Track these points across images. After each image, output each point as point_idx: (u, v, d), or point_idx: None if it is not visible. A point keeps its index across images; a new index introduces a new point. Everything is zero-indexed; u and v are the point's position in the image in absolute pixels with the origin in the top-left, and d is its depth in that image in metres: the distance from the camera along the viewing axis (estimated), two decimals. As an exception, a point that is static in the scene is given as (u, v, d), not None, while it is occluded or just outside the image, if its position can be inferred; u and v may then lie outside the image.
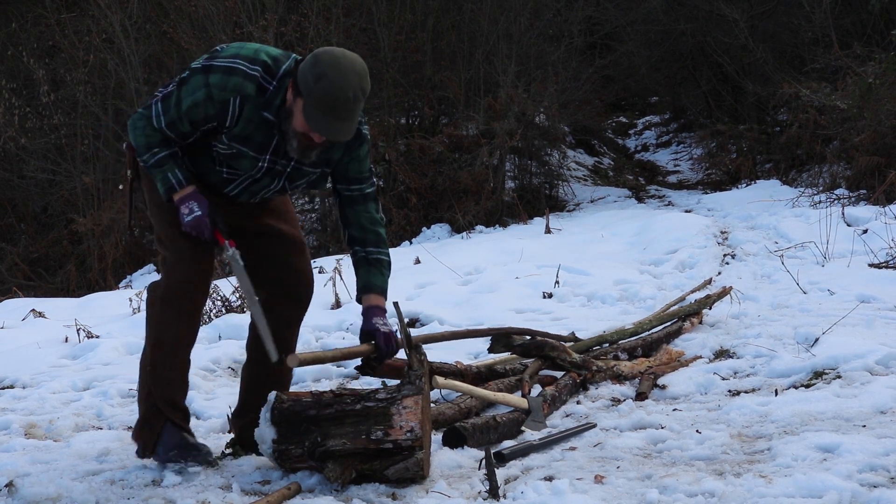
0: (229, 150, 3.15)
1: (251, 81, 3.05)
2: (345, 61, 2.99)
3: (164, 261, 3.29)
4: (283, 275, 3.39)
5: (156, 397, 3.23)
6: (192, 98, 3.07)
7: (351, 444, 3.01)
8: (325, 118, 2.99)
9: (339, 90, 2.95)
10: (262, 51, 3.13)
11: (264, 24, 12.12)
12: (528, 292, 6.74)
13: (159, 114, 3.12)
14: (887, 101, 10.49)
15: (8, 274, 11.89)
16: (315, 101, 2.97)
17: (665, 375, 4.40)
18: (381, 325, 3.25)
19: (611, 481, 2.97)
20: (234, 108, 3.06)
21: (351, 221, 3.34)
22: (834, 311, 5.17)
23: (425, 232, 11.69)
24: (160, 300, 3.24)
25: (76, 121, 12.54)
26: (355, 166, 3.30)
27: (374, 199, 3.37)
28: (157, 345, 3.25)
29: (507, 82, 12.48)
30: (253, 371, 3.49)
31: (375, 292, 3.30)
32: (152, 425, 3.23)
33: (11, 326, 6.60)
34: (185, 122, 3.11)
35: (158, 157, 3.15)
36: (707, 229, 9.00)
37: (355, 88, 2.98)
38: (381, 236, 3.35)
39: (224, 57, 3.10)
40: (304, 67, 3.00)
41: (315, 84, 2.96)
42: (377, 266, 3.33)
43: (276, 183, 3.27)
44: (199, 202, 3.15)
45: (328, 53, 3.02)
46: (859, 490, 2.70)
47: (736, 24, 14.29)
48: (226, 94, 3.05)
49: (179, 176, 3.15)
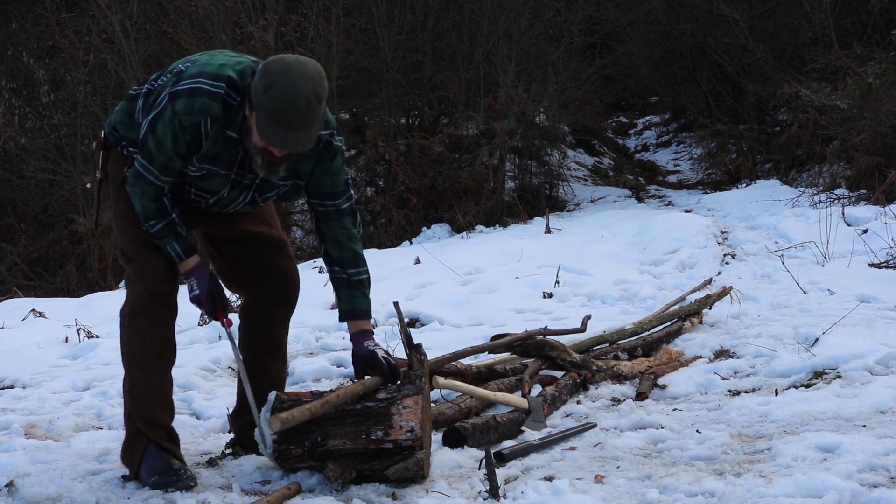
0: (199, 171, 3.06)
1: (216, 100, 2.94)
2: (296, 67, 2.86)
3: (128, 277, 3.23)
4: (268, 275, 3.36)
5: (136, 418, 3.16)
6: (169, 132, 2.96)
7: (351, 444, 3.01)
8: (277, 129, 2.85)
9: (289, 97, 2.81)
10: (228, 65, 3.01)
11: (264, 24, 12.12)
12: (529, 292, 6.74)
13: (146, 167, 3.03)
14: (887, 101, 10.49)
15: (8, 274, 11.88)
16: (266, 113, 2.84)
17: (665, 375, 4.40)
18: (376, 348, 3.18)
19: (611, 481, 2.97)
20: (205, 129, 2.96)
21: (327, 237, 3.24)
22: (834, 311, 5.17)
23: (425, 232, 11.70)
24: (128, 317, 3.18)
25: (76, 121, 12.53)
26: (328, 180, 3.18)
27: (350, 213, 3.26)
28: (131, 363, 3.18)
29: (507, 82, 12.48)
30: (249, 372, 3.47)
31: (362, 318, 3.25)
32: (135, 448, 3.16)
33: (11, 326, 6.60)
34: (175, 159, 3.01)
35: (156, 230, 3.09)
36: (707, 229, 9.00)
37: (308, 94, 2.83)
38: (357, 254, 3.25)
39: (188, 77, 2.99)
40: (255, 79, 2.89)
41: (264, 94, 2.83)
42: (360, 288, 3.25)
43: (245, 196, 3.19)
44: (200, 279, 3.11)
45: (278, 61, 2.88)
46: (859, 490, 2.70)
47: (736, 24, 14.29)
48: (194, 118, 2.94)
49: (178, 249, 3.10)
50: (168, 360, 3.22)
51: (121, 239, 3.24)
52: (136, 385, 3.17)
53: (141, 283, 3.15)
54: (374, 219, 12.35)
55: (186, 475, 3.10)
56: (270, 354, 3.45)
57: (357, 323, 3.24)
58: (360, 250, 3.27)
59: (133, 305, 3.17)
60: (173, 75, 3.08)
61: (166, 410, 3.22)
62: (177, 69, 3.11)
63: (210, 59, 3.07)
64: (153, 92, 3.15)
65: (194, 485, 3.08)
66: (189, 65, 3.08)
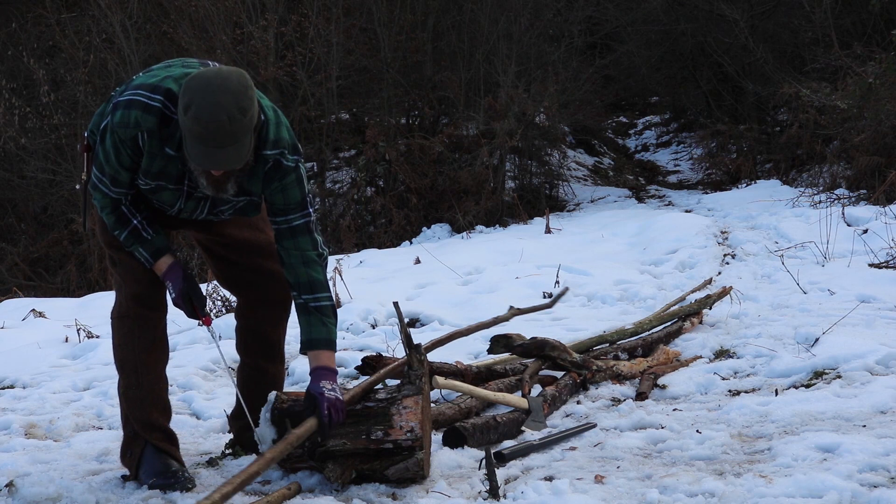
0: (148, 185, 2.99)
1: (151, 114, 2.83)
2: (215, 81, 2.71)
3: (115, 281, 3.23)
4: (257, 278, 3.31)
5: (132, 420, 3.16)
6: (111, 144, 2.89)
7: (351, 445, 3.01)
8: (201, 148, 2.72)
9: (208, 115, 2.67)
10: (174, 77, 2.89)
11: (264, 24, 12.12)
12: (529, 292, 6.74)
13: (100, 179, 2.98)
14: (887, 101, 10.49)
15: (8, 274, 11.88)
16: (189, 134, 2.71)
17: (665, 375, 4.40)
18: (326, 390, 2.92)
19: (611, 481, 2.97)
20: (143, 143, 2.87)
21: (283, 260, 3.06)
22: (834, 311, 5.17)
23: (425, 232, 11.70)
24: (116, 320, 3.18)
25: (76, 121, 12.52)
26: (279, 196, 3.02)
27: (304, 231, 3.05)
28: (123, 366, 3.17)
29: (507, 82, 12.48)
30: (244, 373, 3.46)
31: (321, 348, 3.01)
32: (133, 450, 3.16)
33: (11, 326, 6.60)
34: (122, 172, 2.94)
35: (123, 238, 3.05)
36: (707, 229, 9.00)
37: (229, 109, 2.68)
38: (315, 279, 3.03)
39: (131, 88, 2.91)
40: (179, 99, 2.76)
41: (185, 115, 2.70)
42: (317, 315, 3.02)
43: (202, 208, 3.12)
44: (174, 281, 3.04)
45: (196, 78, 2.74)
46: (859, 490, 2.70)
47: (736, 24, 14.28)
48: (130, 131, 2.85)
49: (145, 253, 3.05)
50: (159, 360, 3.21)
51: (103, 243, 3.23)
52: (129, 387, 3.17)
53: (125, 287, 3.16)
54: (374, 219, 12.36)
55: (184, 476, 3.09)
56: (268, 356, 3.44)
57: (316, 355, 3.01)
58: (318, 276, 3.05)
59: (120, 308, 3.18)
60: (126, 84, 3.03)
61: (161, 411, 3.21)
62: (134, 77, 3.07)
63: (161, 70, 2.99)
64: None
65: (192, 486, 3.08)
66: (142, 74, 3.02)
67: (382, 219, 12.22)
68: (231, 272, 3.36)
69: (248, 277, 3.32)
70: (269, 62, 11.95)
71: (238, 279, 3.36)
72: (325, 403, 2.92)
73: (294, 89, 12.30)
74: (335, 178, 13.23)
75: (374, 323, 6.03)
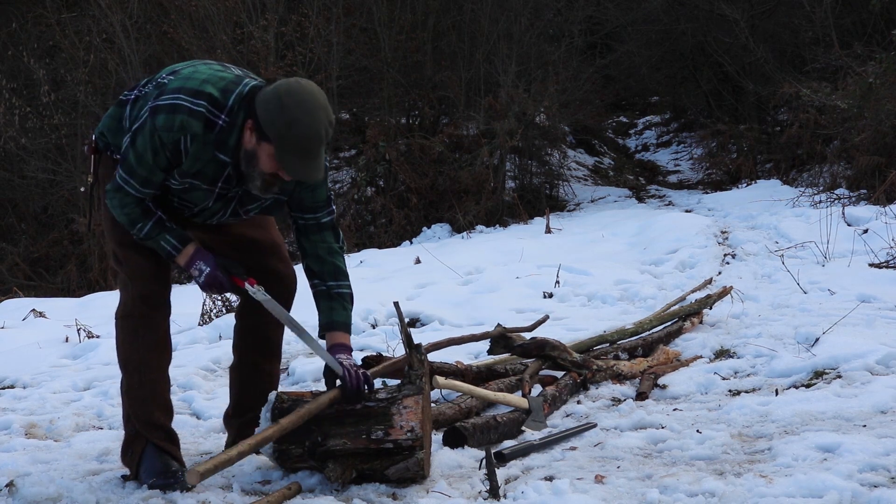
0: (181, 185, 3.06)
1: (196, 118, 2.93)
2: (311, 99, 2.89)
3: (120, 280, 3.24)
4: (263, 278, 3.30)
5: (134, 419, 3.18)
6: (149, 147, 2.94)
7: (351, 444, 3.01)
8: (301, 161, 2.90)
9: (312, 132, 2.87)
10: (209, 81, 2.99)
11: (264, 24, 12.12)
12: (529, 292, 6.74)
13: (126, 181, 3.01)
14: (888, 100, 10.49)
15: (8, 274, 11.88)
16: (290, 147, 2.87)
17: (665, 375, 4.40)
18: (345, 360, 3.11)
19: (611, 481, 2.97)
20: (185, 146, 2.95)
21: (308, 252, 3.23)
22: (834, 311, 5.17)
23: (425, 232, 11.70)
24: (121, 319, 3.19)
25: (76, 121, 12.53)
26: (309, 195, 3.18)
27: (330, 227, 3.24)
28: (126, 365, 3.19)
29: (507, 82, 12.48)
30: (243, 372, 3.47)
31: (339, 329, 3.19)
32: (134, 449, 3.17)
33: (12, 326, 6.60)
34: (157, 173, 3.00)
35: (146, 231, 3.07)
36: (707, 229, 9.00)
37: (325, 125, 2.90)
38: (339, 268, 3.22)
39: (169, 92, 2.97)
40: (270, 111, 2.88)
41: (289, 131, 2.85)
42: (339, 300, 3.20)
43: (228, 208, 3.18)
44: (204, 258, 3.09)
45: (291, 94, 2.88)
46: (860, 490, 2.70)
47: (736, 23, 14.29)
48: (174, 135, 2.92)
49: (173, 241, 3.08)
50: (163, 360, 3.23)
51: (110, 242, 3.24)
52: (132, 386, 3.18)
53: (132, 286, 3.17)
54: (375, 219, 12.35)
55: (184, 477, 3.09)
56: (267, 356, 3.46)
57: (334, 335, 3.19)
58: (341, 265, 3.24)
59: (125, 308, 3.19)
60: (155, 87, 3.06)
61: (164, 411, 3.22)
62: (161, 79, 3.09)
63: (193, 73, 3.03)
64: (139, 99, 3.13)
65: (192, 487, 3.08)
66: (171, 77, 3.05)
67: (382, 219, 12.21)
68: None
69: (258, 278, 3.33)
70: (269, 62, 11.95)
71: None
72: (345, 371, 3.07)
73: (294, 89, 12.28)
74: (335, 177, 13.22)
75: (375, 323, 6.03)
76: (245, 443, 2.84)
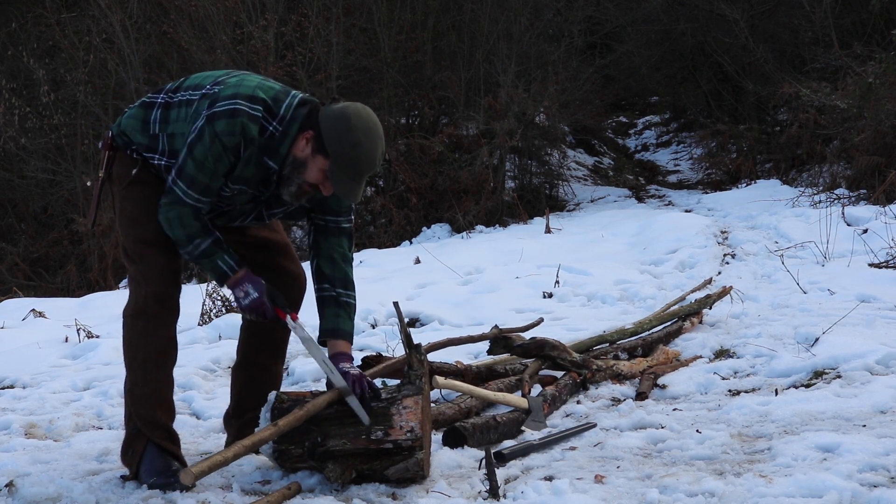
0: (231, 192, 3.11)
1: (255, 123, 2.99)
2: (375, 128, 3.01)
3: (132, 278, 3.24)
4: (274, 277, 3.36)
5: (136, 418, 3.18)
6: (210, 154, 2.98)
7: (351, 445, 3.01)
8: (349, 182, 3.01)
9: (370, 159, 2.99)
10: (260, 88, 3.05)
11: (264, 24, 12.12)
12: (529, 292, 6.74)
13: (185, 191, 3.03)
14: (887, 100, 10.50)
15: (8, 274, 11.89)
16: (346, 166, 2.98)
17: (665, 375, 4.40)
18: (350, 369, 3.13)
19: (611, 481, 2.97)
20: (242, 150, 3.01)
21: (322, 253, 3.25)
22: (834, 311, 5.17)
23: (425, 232, 11.70)
24: (130, 318, 3.19)
25: (76, 121, 12.54)
26: (335, 199, 3.23)
27: (348, 235, 3.29)
28: (132, 364, 3.19)
29: (507, 82, 12.48)
30: (246, 372, 3.49)
31: (344, 338, 3.21)
32: (135, 447, 3.17)
33: (11, 326, 6.60)
34: (218, 179, 3.03)
35: (203, 249, 3.09)
36: (707, 229, 9.00)
37: (381, 155, 3.03)
38: (349, 277, 3.27)
39: (224, 99, 3.00)
40: (336, 129, 2.97)
41: (351, 151, 2.96)
42: (346, 310, 3.23)
43: (255, 211, 3.22)
44: (254, 283, 3.12)
45: (360, 118, 2.99)
46: (859, 490, 2.70)
47: (736, 23, 14.29)
48: (235, 139, 2.97)
49: (230, 261, 3.11)
50: (169, 360, 3.23)
51: (125, 239, 3.23)
52: (136, 385, 3.18)
53: (145, 285, 3.16)
54: (374, 219, 12.35)
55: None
56: (273, 354, 3.48)
57: (337, 343, 3.21)
58: (351, 275, 3.28)
59: (136, 306, 3.18)
60: (205, 97, 3.07)
61: (166, 411, 3.22)
62: (205, 89, 3.10)
63: (242, 81, 3.08)
64: (172, 106, 3.14)
65: (192, 486, 3.08)
66: (221, 86, 3.07)
67: (382, 219, 12.22)
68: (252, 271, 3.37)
69: (269, 277, 3.36)
70: (269, 62, 11.95)
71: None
72: (350, 378, 3.09)
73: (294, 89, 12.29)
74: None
75: (374, 323, 6.03)
76: (241, 443, 2.84)
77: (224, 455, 2.77)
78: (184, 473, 2.64)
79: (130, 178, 3.18)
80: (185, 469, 2.66)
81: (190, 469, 2.63)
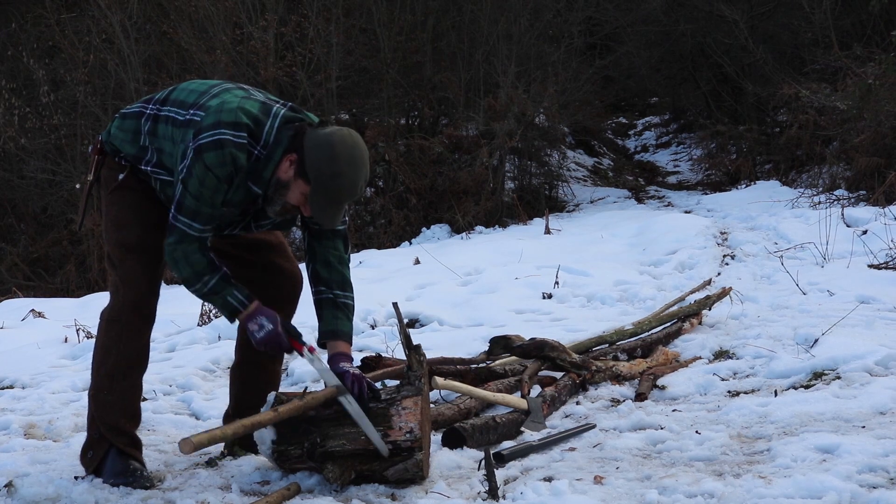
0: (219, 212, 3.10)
1: (242, 151, 2.97)
2: (359, 156, 2.99)
3: (112, 282, 3.24)
4: (270, 276, 3.38)
5: (99, 423, 3.18)
6: (206, 186, 2.97)
7: (350, 445, 3.01)
8: (329, 209, 3.01)
9: (351, 189, 2.99)
10: (242, 110, 3.01)
11: (264, 24, 12.12)
12: (528, 293, 6.74)
13: (189, 224, 3.02)
14: (887, 101, 10.50)
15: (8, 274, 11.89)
16: (325, 194, 2.97)
17: (665, 376, 4.40)
18: (349, 368, 3.14)
19: (610, 482, 2.97)
20: (234, 177, 3.01)
21: (318, 257, 3.24)
22: (833, 312, 5.17)
23: (425, 232, 11.70)
24: (106, 322, 3.20)
25: (76, 121, 12.53)
26: None
27: (343, 236, 3.27)
28: (99, 369, 3.19)
29: (507, 83, 12.48)
30: (246, 372, 3.49)
31: (343, 339, 3.21)
32: (95, 451, 3.18)
33: (11, 326, 6.60)
34: (217, 206, 3.03)
35: (212, 286, 3.07)
36: (707, 230, 9.00)
37: (363, 184, 3.03)
38: (346, 279, 3.25)
39: (207, 129, 2.96)
40: (319, 157, 2.95)
41: (332, 180, 2.95)
42: (344, 311, 3.23)
43: (242, 222, 3.22)
44: (268, 316, 3.10)
45: (344, 145, 2.97)
46: (859, 491, 2.70)
47: (736, 24, 14.29)
48: (227, 169, 2.97)
49: (240, 296, 3.09)
50: (138, 369, 3.24)
51: (108, 243, 3.24)
52: (100, 391, 3.19)
53: (124, 290, 3.17)
54: (374, 219, 12.35)
55: (144, 475, 3.13)
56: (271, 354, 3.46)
57: (336, 345, 3.21)
58: (348, 276, 3.27)
59: (112, 311, 3.19)
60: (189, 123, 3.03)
61: (131, 418, 3.23)
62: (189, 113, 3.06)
63: (222, 105, 3.02)
64: (160, 120, 3.12)
65: (151, 486, 3.10)
66: (202, 113, 3.03)
67: (382, 219, 12.21)
68: (246, 272, 3.38)
69: (264, 276, 3.38)
70: (269, 62, 11.95)
71: (253, 278, 3.38)
72: (349, 377, 3.09)
73: (294, 90, 12.30)
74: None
75: (374, 323, 6.03)
76: (241, 422, 2.85)
77: (224, 430, 2.79)
78: (183, 442, 2.62)
79: (117, 183, 3.20)
80: (185, 438, 2.63)
81: (190, 439, 2.62)
